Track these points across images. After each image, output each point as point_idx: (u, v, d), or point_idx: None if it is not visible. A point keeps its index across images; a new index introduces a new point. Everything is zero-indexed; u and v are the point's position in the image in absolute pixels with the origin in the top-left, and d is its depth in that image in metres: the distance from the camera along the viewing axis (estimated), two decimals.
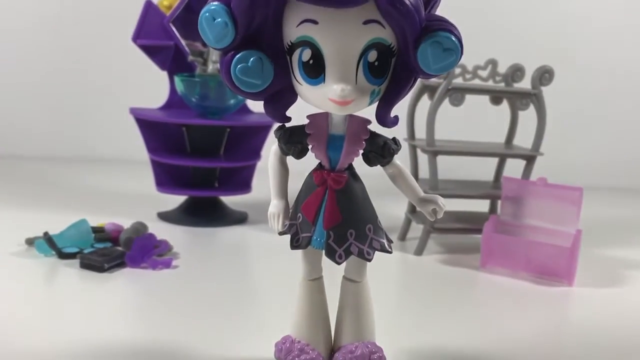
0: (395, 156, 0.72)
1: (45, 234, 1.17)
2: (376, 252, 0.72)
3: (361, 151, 0.70)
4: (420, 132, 1.39)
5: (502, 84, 1.38)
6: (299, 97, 0.68)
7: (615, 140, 2.29)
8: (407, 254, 1.33)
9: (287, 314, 0.79)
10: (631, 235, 1.62)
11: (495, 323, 0.99)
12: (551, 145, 1.50)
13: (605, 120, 2.29)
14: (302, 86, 0.66)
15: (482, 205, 1.48)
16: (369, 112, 0.69)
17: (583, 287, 1.18)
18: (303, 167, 0.76)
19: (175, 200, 1.55)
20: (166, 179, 1.51)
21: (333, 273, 0.77)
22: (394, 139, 0.72)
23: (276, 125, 0.72)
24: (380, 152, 0.70)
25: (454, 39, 0.62)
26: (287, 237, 0.73)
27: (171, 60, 1.49)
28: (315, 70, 0.64)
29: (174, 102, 1.53)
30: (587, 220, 1.33)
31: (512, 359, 0.86)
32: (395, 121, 0.69)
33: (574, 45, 2.23)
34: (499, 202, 1.35)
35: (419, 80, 0.74)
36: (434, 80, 1.34)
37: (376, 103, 0.67)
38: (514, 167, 1.48)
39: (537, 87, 1.32)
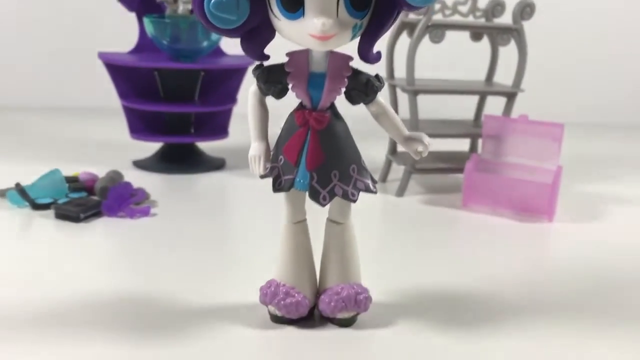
0: (379, 93, 0.69)
1: (17, 184, 1.13)
2: (360, 193, 0.71)
3: (343, 89, 0.68)
4: (400, 72, 1.37)
5: (483, 20, 1.35)
6: (277, 34, 0.65)
7: (597, 77, 2.28)
8: (388, 196, 1.32)
9: (271, 258, 0.78)
10: (610, 170, 1.63)
11: (478, 260, 1.00)
12: (532, 82, 1.48)
13: (587, 57, 2.27)
14: (281, 21, 0.62)
15: (463, 145, 1.47)
16: (349, 49, 0.66)
17: (563, 223, 1.19)
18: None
19: (150, 148, 1.51)
20: (140, 125, 1.47)
21: (317, 215, 0.76)
22: (376, 75, 0.69)
23: (254, 65, 0.69)
24: (363, 89, 0.68)
25: None
26: (268, 181, 0.71)
27: (139, 0, 1.42)
28: (294, 3, 0.61)
29: (144, 45, 1.48)
30: (567, 156, 1.33)
31: (494, 294, 0.86)
32: (377, 57, 0.66)
33: None
34: (480, 140, 1.34)
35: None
36: (412, 17, 1.31)
37: (357, 38, 0.65)
38: (494, 105, 1.47)
39: (518, 22, 1.29)
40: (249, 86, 0.71)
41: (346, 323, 0.74)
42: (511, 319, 0.79)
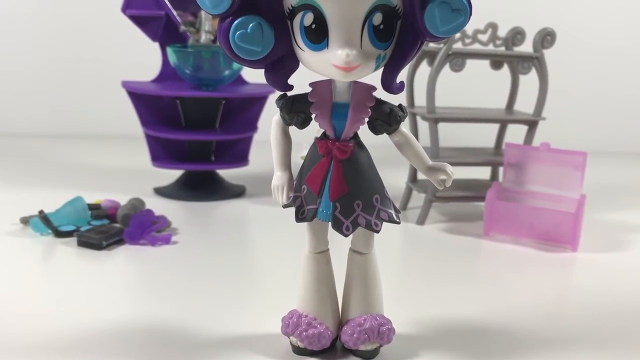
0: (402, 123, 0.69)
1: (41, 212, 1.14)
2: (383, 223, 0.70)
3: (367, 119, 0.68)
4: (420, 100, 1.37)
5: (503, 48, 1.35)
6: (301, 64, 0.66)
7: (619, 104, 2.26)
8: (409, 224, 1.31)
9: (291, 287, 0.77)
10: (635, 199, 1.60)
11: (500, 290, 0.98)
12: (553, 110, 1.47)
13: (609, 84, 2.25)
14: (305, 52, 0.63)
15: (483, 173, 1.46)
16: (372, 78, 0.66)
17: (587, 253, 1.17)
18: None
19: (171, 175, 1.52)
20: (162, 153, 1.48)
21: (339, 245, 0.76)
22: (400, 105, 0.69)
23: (276, 94, 0.69)
24: (386, 119, 0.68)
25: None
26: (289, 209, 0.71)
27: (162, 30, 1.45)
28: (318, 35, 0.61)
29: (167, 74, 1.50)
30: (590, 184, 1.31)
31: (517, 325, 0.85)
32: (401, 87, 0.66)
33: (576, 6, 2.19)
34: (501, 168, 1.33)
35: None
36: (433, 45, 1.31)
37: (381, 69, 0.65)
38: (515, 133, 1.46)
39: (538, 50, 1.29)
40: (269, 114, 0.72)
41: (369, 355, 0.73)
42: (535, 350, 0.77)
